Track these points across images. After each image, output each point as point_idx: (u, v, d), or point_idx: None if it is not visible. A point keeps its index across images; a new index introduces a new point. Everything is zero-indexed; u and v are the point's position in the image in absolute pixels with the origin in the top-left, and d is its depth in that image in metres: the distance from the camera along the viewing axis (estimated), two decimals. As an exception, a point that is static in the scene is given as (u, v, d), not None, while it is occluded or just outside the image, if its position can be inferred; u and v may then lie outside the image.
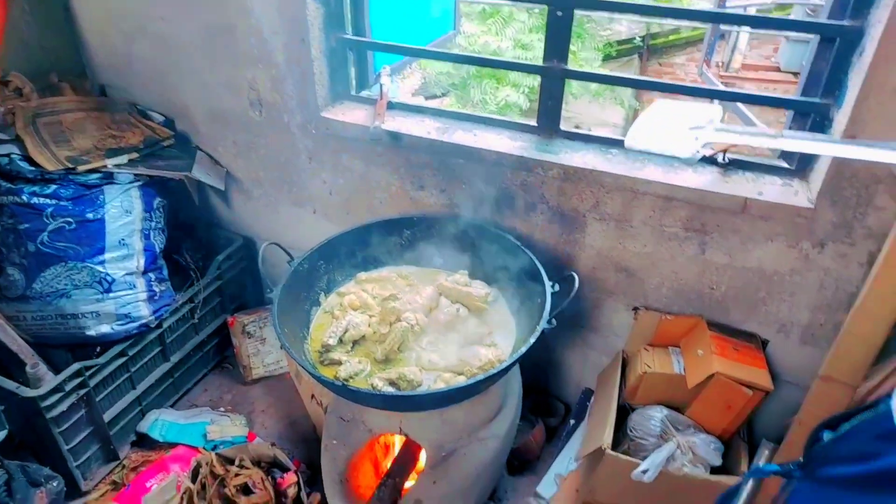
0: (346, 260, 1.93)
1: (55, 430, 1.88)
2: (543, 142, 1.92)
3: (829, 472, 1.00)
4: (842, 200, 1.57)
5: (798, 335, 1.83)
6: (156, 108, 2.41)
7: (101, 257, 1.97)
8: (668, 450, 1.68)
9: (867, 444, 0.95)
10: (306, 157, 2.23)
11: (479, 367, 1.56)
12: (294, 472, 1.86)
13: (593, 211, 1.88)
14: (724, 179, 1.73)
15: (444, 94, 6.85)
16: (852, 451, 0.98)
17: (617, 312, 2.05)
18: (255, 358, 2.48)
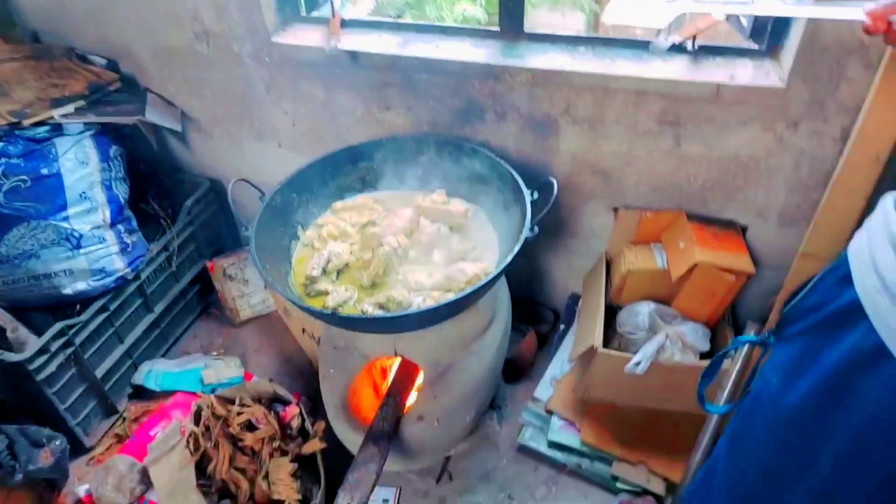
0: (320, 190, 1.88)
1: (48, 392, 1.87)
2: (508, 46, 1.85)
3: (796, 328, 1.05)
4: (813, 77, 1.55)
5: (776, 218, 1.86)
6: (95, 51, 2.27)
7: (63, 213, 1.90)
8: (657, 341, 1.73)
9: (827, 292, 0.99)
10: (263, 87, 2.13)
11: (466, 282, 1.56)
12: (296, 404, 1.88)
13: (565, 114, 1.84)
14: (695, 67, 1.69)
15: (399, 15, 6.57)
16: (814, 302, 1.02)
17: (597, 215, 2.05)
18: (241, 300, 2.47)
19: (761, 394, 1.13)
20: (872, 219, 0.94)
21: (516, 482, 1.94)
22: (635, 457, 1.88)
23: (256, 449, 1.82)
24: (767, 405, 1.11)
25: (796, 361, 1.02)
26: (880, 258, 0.85)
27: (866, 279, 0.87)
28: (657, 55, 1.73)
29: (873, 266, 0.86)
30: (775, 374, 1.08)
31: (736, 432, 1.24)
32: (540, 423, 2.02)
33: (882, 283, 0.84)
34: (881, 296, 0.83)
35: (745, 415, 1.20)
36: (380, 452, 1.51)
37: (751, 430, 1.17)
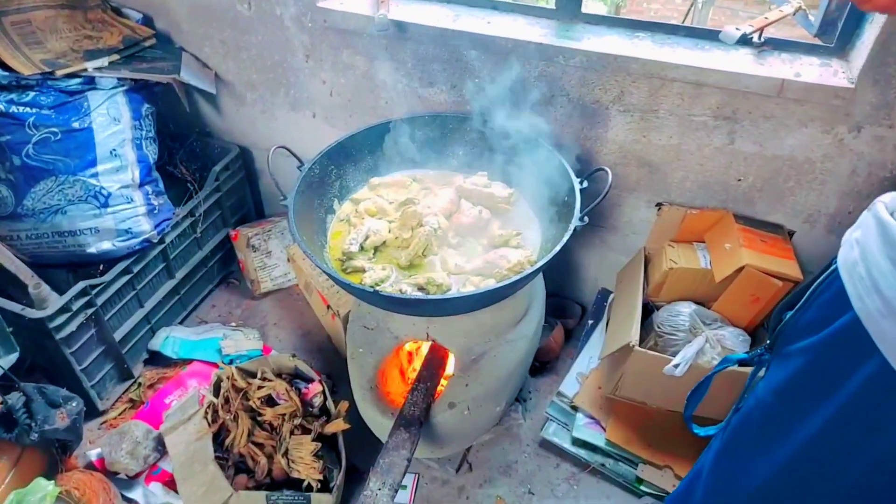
0: (357, 164, 1.82)
1: (66, 351, 1.82)
2: (564, 27, 1.78)
3: (792, 347, 0.97)
4: (884, 79, 1.49)
5: (824, 224, 1.80)
6: (130, 4, 2.20)
7: (93, 169, 1.84)
8: (697, 344, 1.67)
9: (824, 308, 0.91)
10: (303, 54, 2.06)
11: (508, 269, 1.50)
12: (319, 381, 1.83)
13: (617, 102, 1.78)
14: (759, 61, 1.63)
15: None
16: (811, 320, 0.95)
17: (637, 209, 1.99)
18: (263, 272, 2.41)
19: (754, 412, 1.07)
20: (863, 231, 0.85)
21: (537, 477, 1.90)
22: (661, 460, 1.83)
23: (276, 425, 1.77)
24: (762, 423, 1.05)
25: (799, 384, 0.95)
26: (880, 277, 0.77)
27: (866, 300, 0.79)
28: (722, 45, 1.66)
29: (873, 286, 0.78)
30: (772, 395, 1.02)
31: (724, 449, 1.18)
32: (564, 418, 1.97)
33: (886, 305, 0.76)
34: (887, 321, 0.76)
35: (735, 432, 1.14)
36: (411, 438, 1.46)
37: (741, 448, 1.12)
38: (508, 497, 1.85)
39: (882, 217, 0.79)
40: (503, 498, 1.84)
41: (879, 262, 0.78)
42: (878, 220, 0.80)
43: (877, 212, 0.81)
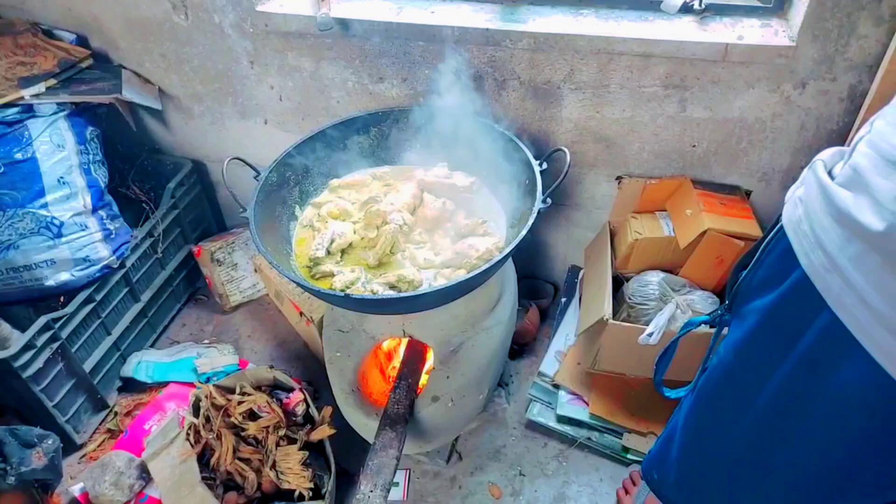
0: (315, 168, 1.79)
1: (35, 389, 1.77)
2: (508, 10, 1.78)
3: (749, 306, 1.00)
4: (823, 34, 1.52)
5: (779, 181, 1.84)
6: (62, 25, 2.12)
7: (42, 200, 1.78)
8: (668, 311, 1.70)
9: (774, 266, 0.94)
10: (247, 61, 2.02)
11: (478, 258, 1.50)
12: (300, 390, 1.81)
13: (568, 81, 1.78)
14: (702, 27, 1.65)
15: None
16: (763, 277, 0.97)
17: (598, 185, 2.01)
18: (231, 285, 2.37)
19: (717, 370, 1.11)
20: (804, 188, 0.87)
21: (526, 458, 1.92)
22: (645, 427, 1.87)
23: (260, 438, 1.75)
24: (727, 381, 1.09)
25: (758, 341, 0.98)
26: (822, 233, 0.79)
27: (811, 256, 0.81)
28: (665, 15, 1.68)
29: (817, 242, 0.80)
30: (733, 353, 1.05)
31: (693, 408, 1.22)
32: (547, 397, 1.99)
33: (830, 260, 0.78)
34: (832, 275, 0.78)
35: (702, 391, 1.18)
36: (397, 436, 1.46)
37: (710, 406, 1.15)
38: (500, 481, 1.86)
39: (821, 177, 0.81)
40: (495, 483, 1.86)
41: (822, 219, 0.80)
42: (817, 180, 0.82)
43: (816, 170, 0.83)
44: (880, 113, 0.78)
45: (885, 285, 0.72)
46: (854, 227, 0.74)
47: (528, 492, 1.84)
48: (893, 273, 0.71)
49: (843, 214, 0.75)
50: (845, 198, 0.76)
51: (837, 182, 0.79)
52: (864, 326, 0.75)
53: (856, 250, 0.74)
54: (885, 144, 0.73)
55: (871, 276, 0.73)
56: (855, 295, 0.74)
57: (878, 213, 0.71)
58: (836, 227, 0.77)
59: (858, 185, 0.75)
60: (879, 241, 0.71)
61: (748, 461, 1.07)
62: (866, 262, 0.73)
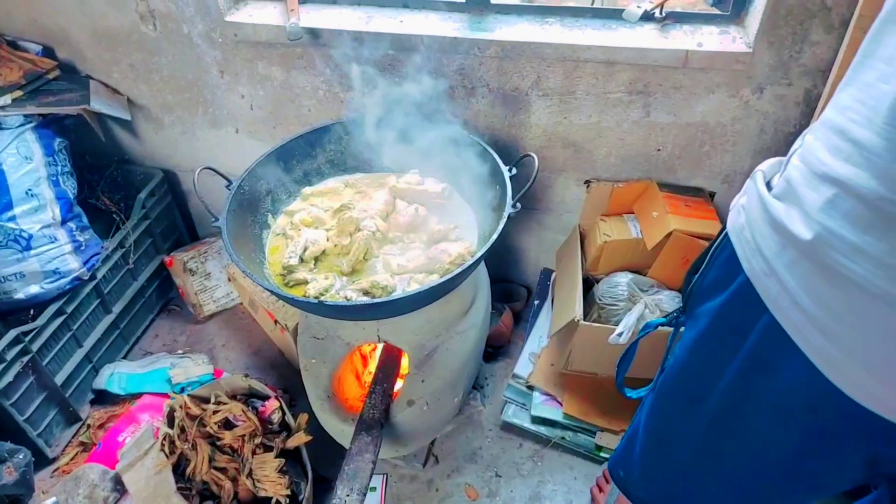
0: (287, 176, 1.80)
1: (5, 403, 1.75)
2: (475, 19, 1.81)
3: (700, 309, 1.04)
4: (778, 40, 1.58)
5: (741, 182, 1.85)
6: (27, 36, 2.10)
7: (9, 213, 1.77)
8: (637, 311, 1.74)
9: (722, 269, 0.98)
10: (217, 70, 2.03)
11: (450, 262, 1.52)
12: (275, 397, 1.82)
13: (535, 87, 1.82)
14: (663, 35, 1.70)
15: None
16: (712, 280, 1.01)
17: (568, 189, 2.05)
18: (204, 294, 2.36)
19: (673, 369, 1.15)
20: (746, 197, 0.92)
21: (502, 459, 1.95)
22: (618, 425, 1.91)
23: (236, 447, 1.75)
24: (682, 380, 1.13)
25: (708, 342, 1.03)
26: (762, 240, 0.84)
27: (752, 261, 0.86)
28: (627, 23, 1.73)
29: (757, 248, 0.85)
30: (687, 353, 1.09)
31: (653, 407, 1.26)
32: (522, 399, 2.02)
33: (768, 266, 0.83)
34: (770, 279, 0.83)
35: (661, 390, 1.22)
36: (373, 441, 1.47)
37: (669, 404, 1.20)
38: (477, 482, 1.89)
39: (759, 188, 0.86)
40: (471, 485, 1.88)
41: (761, 227, 0.84)
42: (756, 190, 0.87)
43: (756, 181, 0.88)
44: (810, 128, 0.84)
45: (815, 289, 0.76)
46: (787, 236, 0.79)
47: (505, 492, 1.87)
48: (822, 278, 0.75)
49: (778, 224, 0.80)
50: (779, 208, 0.81)
51: (774, 193, 0.84)
52: (798, 328, 0.80)
53: (790, 257, 0.79)
54: (813, 158, 0.78)
55: (803, 280, 0.77)
56: (790, 298, 0.79)
57: (806, 224, 0.76)
58: (773, 235, 0.82)
59: (791, 196, 0.80)
60: (808, 249, 0.76)
61: (703, 456, 1.11)
62: (798, 267, 0.78)
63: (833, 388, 0.78)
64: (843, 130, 0.74)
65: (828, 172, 0.74)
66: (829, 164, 0.74)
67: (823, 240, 0.73)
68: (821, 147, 0.77)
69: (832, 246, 0.73)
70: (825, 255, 0.74)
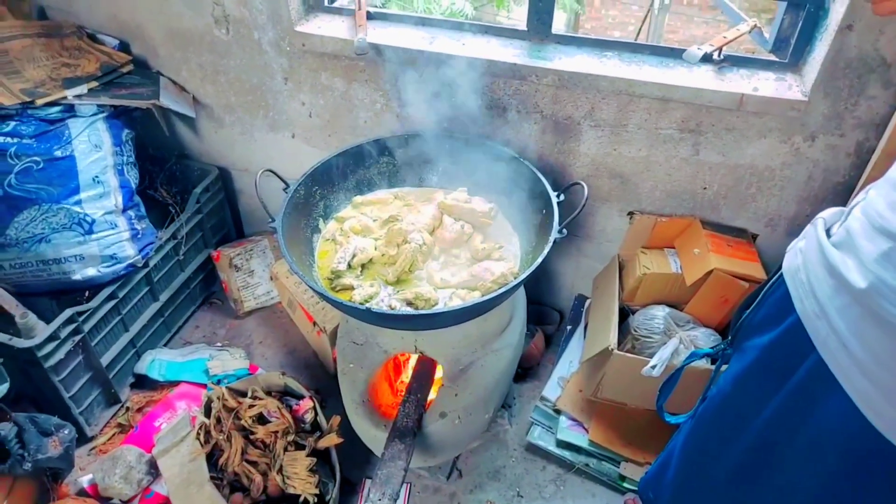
0: (340, 184, 1.86)
1: (55, 379, 1.83)
2: (535, 47, 1.86)
3: (749, 343, 1.09)
4: (834, 92, 1.60)
5: (785, 227, 1.91)
6: (106, 30, 2.21)
7: (76, 197, 1.85)
8: (672, 345, 1.76)
9: (774, 307, 1.02)
10: (281, 77, 2.11)
11: (493, 281, 1.56)
12: (310, 397, 1.87)
13: (588, 118, 1.86)
14: (720, 77, 1.73)
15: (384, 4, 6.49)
16: (764, 317, 1.06)
17: (610, 218, 2.08)
18: (245, 291, 2.44)
19: (717, 399, 1.19)
20: (805, 242, 0.96)
21: (525, 480, 1.96)
22: (643, 457, 1.92)
23: (269, 442, 1.80)
24: (724, 410, 1.16)
25: (755, 375, 1.06)
26: (816, 284, 0.88)
27: (805, 302, 0.91)
28: (685, 63, 1.76)
29: (811, 290, 0.89)
30: (732, 385, 1.14)
31: (691, 433, 1.30)
32: (548, 422, 2.04)
33: (820, 308, 0.87)
34: (821, 321, 0.87)
35: (700, 418, 1.26)
36: (406, 449, 1.51)
37: (708, 433, 1.23)
38: (499, 501, 1.91)
39: (819, 234, 0.91)
40: (494, 502, 1.90)
41: (817, 271, 0.89)
42: (816, 235, 0.91)
43: (816, 227, 0.93)
44: (875, 184, 0.88)
45: (864, 334, 0.81)
46: (842, 282, 0.83)
47: (525, 513, 1.89)
48: (871, 325, 0.79)
49: (834, 270, 0.85)
50: (836, 255, 0.86)
51: (833, 241, 0.89)
52: (844, 370, 0.84)
53: (842, 301, 0.83)
54: (873, 212, 0.82)
55: (853, 325, 0.82)
56: (838, 340, 0.83)
57: (861, 273, 0.80)
58: (828, 279, 0.86)
59: (849, 245, 0.85)
60: (861, 296, 0.80)
61: (736, 486, 1.14)
62: (850, 312, 0.82)
63: (872, 430, 0.82)
64: None
65: (886, 226, 0.78)
66: (888, 219, 0.78)
67: (876, 289, 0.77)
68: (882, 202, 0.81)
69: (884, 296, 0.76)
70: (877, 304, 0.77)
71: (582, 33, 7.21)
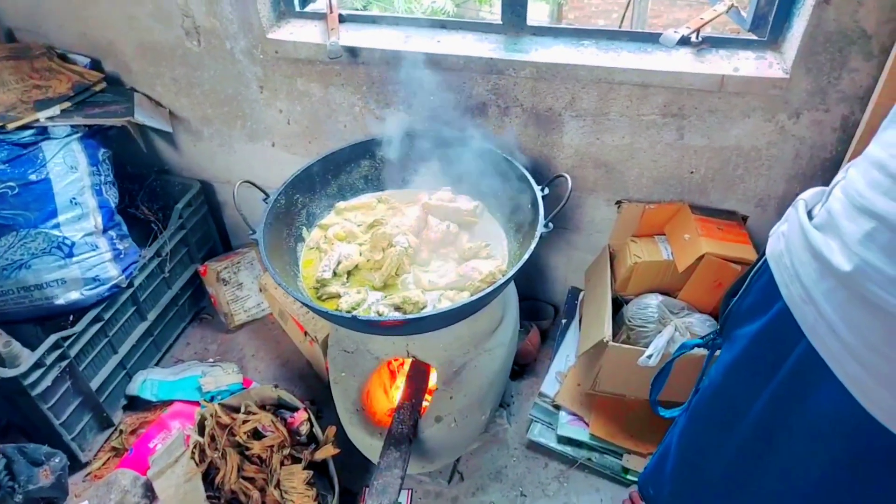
0: (322, 191, 1.83)
1: (43, 407, 1.79)
2: (511, 40, 1.83)
3: (738, 332, 1.06)
4: (816, 67, 1.57)
5: (775, 207, 1.88)
6: (76, 49, 2.18)
7: (54, 220, 1.82)
8: (667, 333, 1.74)
9: (760, 293, 1.00)
10: (257, 86, 2.08)
11: (481, 280, 1.54)
12: (304, 409, 1.84)
13: (569, 108, 1.84)
14: (699, 59, 1.71)
15: (365, 6, 6.45)
16: (751, 304, 1.03)
17: (598, 209, 2.05)
18: (235, 304, 2.40)
19: (708, 391, 1.16)
20: (787, 225, 0.93)
21: (527, 479, 1.94)
22: (644, 448, 1.89)
23: (265, 457, 1.77)
24: (717, 401, 1.14)
25: (745, 365, 1.04)
26: (801, 268, 0.86)
27: (791, 287, 0.88)
28: (663, 47, 1.74)
29: (796, 275, 0.87)
30: (723, 375, 1.11)
31: (686, 427, 1.27)
32: (548, 418, 2.02)
33: (806, 293, 0.84)
34: (808, 307, 0.84)
35: (694, 411, 1.23)
36: (402, 457, 1.48)
37: (702, 425, 1.21)
38: (502, 502, 1.88)
39: (801, 216, 0.88)
40: (497, 503, 1.88)
41: (800, 254, 0.86)
42: (798, 218, 0.88)
43: (797, 209, 0.89)
44: (853, 162, 0.85)
45: (851, 318, 0.78)
46: (826, 265, 0.80)
47: (529, 512, 1.86)
48: (859, 308, 0.77)
49: (818, 253, 0.82)
50: (819, 238, 0.83)
51: (815, 223, 0.86)
52: (834, 355, 0.81)
53: (828, 285, 0.80)
54: (853, 192, 0.79)
55: (840, 309, 0.79)
56: (827, 325, 0.80)
57: (845, 255, 0.78)
58: (812, 263, 0.83)
59: (831, 227, 0.82)
60: (847, 279, 0.77)
61: (734, 478, 1.12)
62: (836, 296, 0.79)
63: (867, 415, 0.79)
64: (884, 166, 0.75)
65: (867, 206, 0.75)
66: (869, 198, 0.75)
67: (861, 271, 0.75)
68: (861, 180, 0.78)
69: (870, 278, 0.74)
70: (863, 287, 0.75)
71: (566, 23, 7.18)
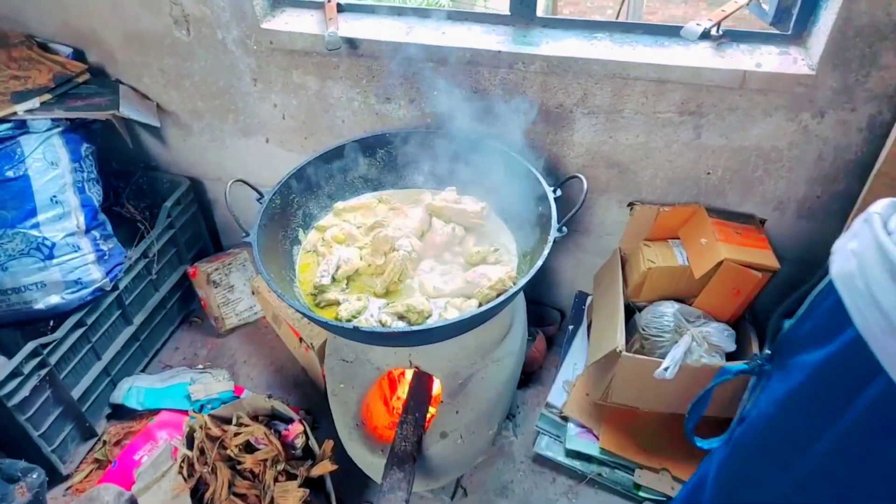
0: (319, 190, 1.73)
1: (20, 418, 1.69)
2: (520, 32, 1.74)
3: (795, 360, 0.94)
4: (844, 63, 1.49)
5: (794, 210, 1.80)
6: (58, 38, 2.06)
7: (33, 220, 1.71)
8: (685, 344, 1.65)
9: (823, 318, 0.89)
10: (250, 78, 1.97)
11: (490, 287, 1.44)
12: (299, 421, 1.74)
13: (581, 105, 1.74)
14: (719, 54, 1.61)
15: (368, -2, 6.35)
16: (812, 329, 0.92)
17: (609, 210, 1.96)
18: (226, 307, 2.30)
19: (758, 423, 1.05)
20: (857, 242, 0.82)
21: (534, 495, 1.85)
22: (657, 463, 1.81)
23: (258, 472, 1.67)
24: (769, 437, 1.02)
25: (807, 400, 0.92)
26: (879, 292, 0.74)
27: (867, 315, 0.76)
28: (682, 41, 1.64)
29: (873, 301, 0.75)
30: (778, 408, 0.99)
31: (729, 459, 1.15)
32: (555, 430, 1.93)
33: (888, 322, 0.73)
34: (889, 338, 0.73)
35: (739, 444, 1.11)
36: (406, 478, 1.38)
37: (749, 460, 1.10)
38: (507, 519, 1.79)
39: (877, 232, 0.76)
40: (502, 521, 1.79)
41: (878, 276, 0.74)
42: (873, 234, 0.77)
43: (872, 224, 0.78)
44: None
45: None
46: None
47: (536, 530, 1.77)
48: None
49: None
50: None
51: (895, 239, 0.74)
52: None
53: None
54: None
55: None
56: None
57: None
58: (893, 287, 0.72)
59: None
60: None
61: None
62: None
63: None
64: None
65: None
66: None
67: None
68: None
69: None
70: None
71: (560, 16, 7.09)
